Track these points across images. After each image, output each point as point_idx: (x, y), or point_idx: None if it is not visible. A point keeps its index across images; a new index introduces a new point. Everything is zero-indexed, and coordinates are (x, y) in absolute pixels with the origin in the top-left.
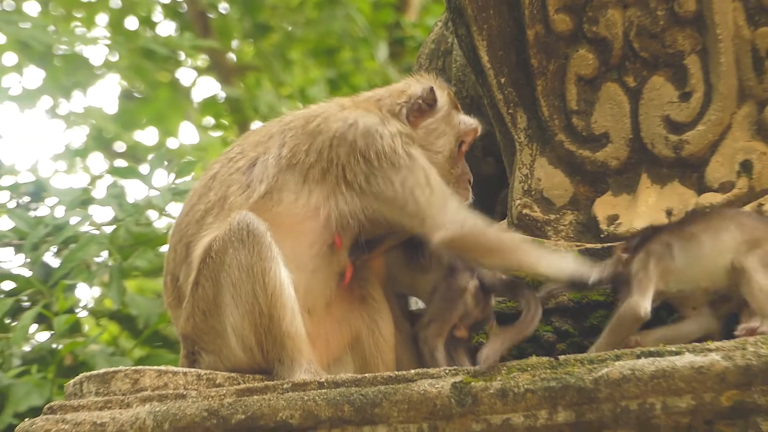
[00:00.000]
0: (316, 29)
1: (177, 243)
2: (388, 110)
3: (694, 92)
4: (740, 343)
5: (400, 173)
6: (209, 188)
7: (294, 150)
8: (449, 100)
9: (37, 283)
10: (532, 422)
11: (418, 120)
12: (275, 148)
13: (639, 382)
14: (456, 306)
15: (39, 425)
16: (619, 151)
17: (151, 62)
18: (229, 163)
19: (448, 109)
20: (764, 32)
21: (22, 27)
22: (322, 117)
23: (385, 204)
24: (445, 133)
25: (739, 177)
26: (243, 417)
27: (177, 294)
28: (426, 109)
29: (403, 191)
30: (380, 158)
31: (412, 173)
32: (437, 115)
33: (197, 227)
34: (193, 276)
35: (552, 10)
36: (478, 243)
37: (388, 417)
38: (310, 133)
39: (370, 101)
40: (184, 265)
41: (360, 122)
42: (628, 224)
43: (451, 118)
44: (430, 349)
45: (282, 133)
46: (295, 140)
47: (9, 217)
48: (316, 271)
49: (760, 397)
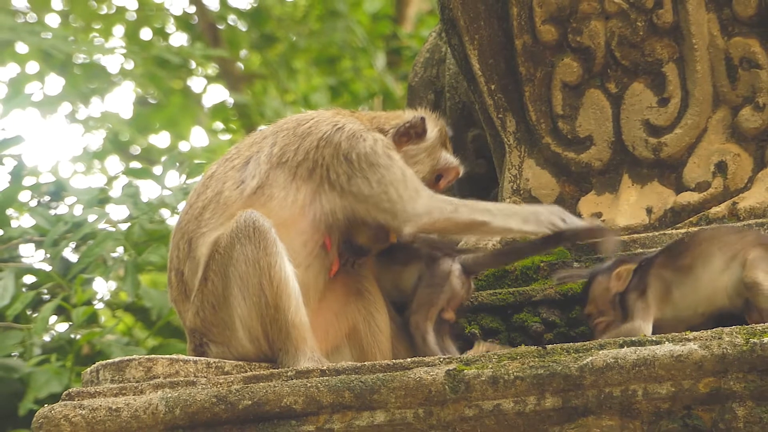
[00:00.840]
0: (319, 40)
1: (180, 240)
2: (377, 126)
3: (672, 98)
4: (717, 333)
5: (378, 172)
6: (206, 186)
7: (284, 149)
8: (439, 136)
9: (56, 277)
10: (521, 407)
11: (403, 144)
12: (267, 147)
13: (622, 369)
14: (442, 290)
15: (58, 410)
16: (602, 153)
17: (165, 70)
18: (226, 163)
19: (434, 143)
20: (737, 42)
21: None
22: (313, 120)
23: (362, 203)
24: (422, 162)
25: (715, 177)
26: (249, 403)
27: (183, 288)
28: (414, 137)
29: (379, 188)
30: (360, 159)
31: (389, 171)
32: (421, 145)
33: (197, 223)
34: (201, 271)
35: (539, 22)
36: (448, 230)
37: (386, 403)
38: (301, 134)
39: (365, 116)
40: (188, 261)
41: (347, 127)
42: (611, 221)
43: (434, 152)
44: (422, 333)
45: (275, 134)
46: (286, 140)
47: (31, 215)
48: (310, 267)
49: (736, 383)
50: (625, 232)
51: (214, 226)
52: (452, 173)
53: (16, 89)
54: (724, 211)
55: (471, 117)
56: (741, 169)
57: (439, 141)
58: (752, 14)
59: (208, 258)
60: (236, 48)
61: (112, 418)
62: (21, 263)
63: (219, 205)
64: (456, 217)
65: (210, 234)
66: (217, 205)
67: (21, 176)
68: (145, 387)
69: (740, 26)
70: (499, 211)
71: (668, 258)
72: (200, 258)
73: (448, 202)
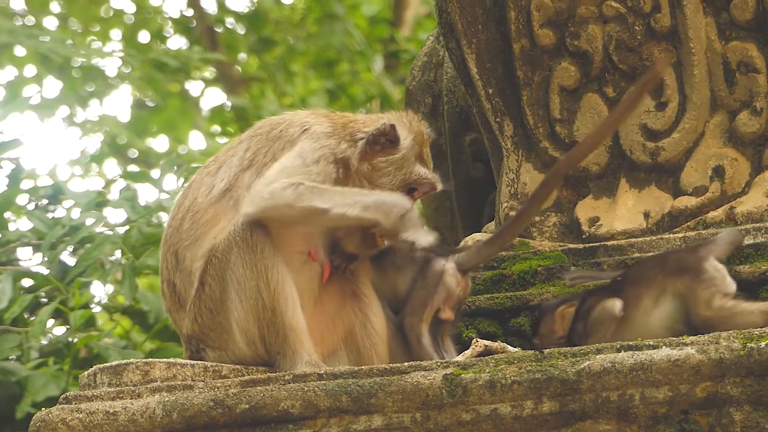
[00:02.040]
0: (316, 43)
1: (166, 252)
2: (350, 132)
3: (670, 102)
4: (714, 338)
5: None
6: (185, 197)
7: (256, 153)
8: (413, 146)
9: (54, 281)
10: (518, 412)
11: (375, 155)
12: (241, 152)
13: (619, 374)
14: (437, 291)
15: (55, 414)
16: (599, 157)
17: (162, 74)
18: (203, 170)
19: (406, 155)
20: (735, 46)
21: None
22: (285, 123)
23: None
24: (390, 175)
25: (712, 181)
26: (247, 407)
27: (177, 299)
28: (386, 145)
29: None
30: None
31: (290, 158)
32: (392, 157)
33: (178, 235)
34: (197, 280)
35: (536, 26)
36: (289, 217)
37: (383, 407)
38: (272, 137)
39: (341, 119)
40: (177, 272)
41: (312, 129)
42: (608, 226)
43: (405, 164)
44: (416, 335)
45: (250, 138)
46: (259, 144)
47: (28, 218)
48: (300, 270)
49: (733, 388)
50: (623, 237)
51: (195, 236)
52: (426, 186)
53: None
54: (722, 215)
55: (469, 121)
56: (738, 173)
57: (413, 152)
58: (750, 18)
59: (203, 265)
60: (234, 51)
61: (109, 422)
62: (19, 266)
63: (194, 214)
64: (296, 203)
65: (193, 246)
66: (193, 214)
67: (19, 179)
68: (143, 391)
69: (738, 30)
70: (342, 199)
71: (615, 290)
72: (190, 269)
73: (298, 191)
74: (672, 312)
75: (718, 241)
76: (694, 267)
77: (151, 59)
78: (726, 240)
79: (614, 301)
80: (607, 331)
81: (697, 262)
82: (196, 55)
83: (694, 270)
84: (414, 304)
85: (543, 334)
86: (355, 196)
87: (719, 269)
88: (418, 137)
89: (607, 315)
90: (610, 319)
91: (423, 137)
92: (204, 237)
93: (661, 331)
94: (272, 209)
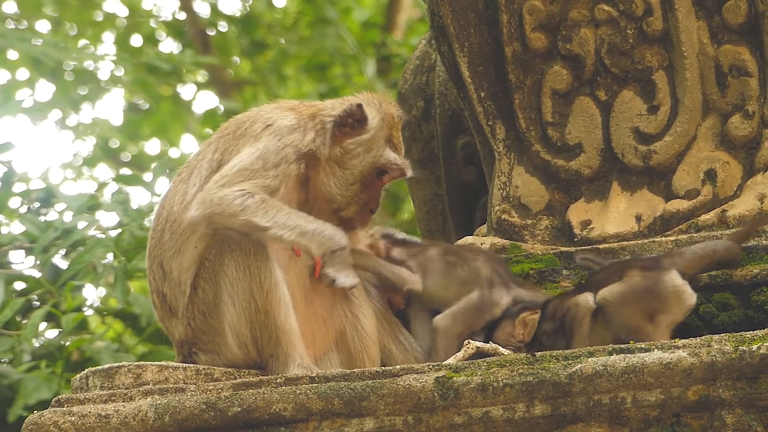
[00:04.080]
0: (309, 47)
1: (152, 264)
2: (319, 121)
3: (662, 105)
4: (706, 341)
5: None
6: (163, 207)
7: (223, 154)
8: (382, 127)
9: (46, 284)
10: (510, 415)
11: (345, 137)
12: (210, 154)
13: (611, 377)
14: (483, 316)
15: (47, 417)
16: (591, 161)
17: (155, 77)
18: (177, 179)
19: (375, 135)
20: (727, 49)
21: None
22: (250, 120)
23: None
24: (359, 156)
25: (704, 185)
26: (239, 410)
27: (167, 308)
28: (356, 127)
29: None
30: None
31: (248, 155)
32: (361, 137)
33: (161, 247)
34: (189, 285)
35: (528, 29)
36: (231, 226)
37: (376, 410)
38: (238, 136)
39: (307, 109)
40: (165, 282)
41: (276, 124)
42: (600, 229)
43: (374, 146)
44: (448, 341)
45: (218, 139)
46: (226, 144)
47: (20, 221)
48: (289, 268)
49: (725, 391)
50: (615, 240)
51: (177, 246)
52: (396, 171)
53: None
54: (714, 218)
55: (461, 124)
56: (730, 176)
57: (382, 133)
58: (742, 22)
59: (194, 273)
60: (227, 54)
61: (101, 425)
62: (11, 270)
63: (172, 224)
64: (240, 215)
65: (177, 256)
66: (171, 224)
67: (11, 183)
68: (135, 394)
69: (730, 34)
70: (284, 221)
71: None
72: (178, 279)
73: (246, 203)
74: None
75: (685, 254)
76: (652, 279)
77: (144, 63)
78: (697, 253)
79: (585, 294)
80: (585, 325)
81: (657, 274)
82: (189, 59)
83: (652, 281)
84: (458, 314)
85: (499, 338)
86: (298, 220)
87: (676, 285)
88: (388, 118)
89: (581, 309)
90: (585, 311)
91: (393, 119)
92: (185, 246)
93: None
94: (218, 216)
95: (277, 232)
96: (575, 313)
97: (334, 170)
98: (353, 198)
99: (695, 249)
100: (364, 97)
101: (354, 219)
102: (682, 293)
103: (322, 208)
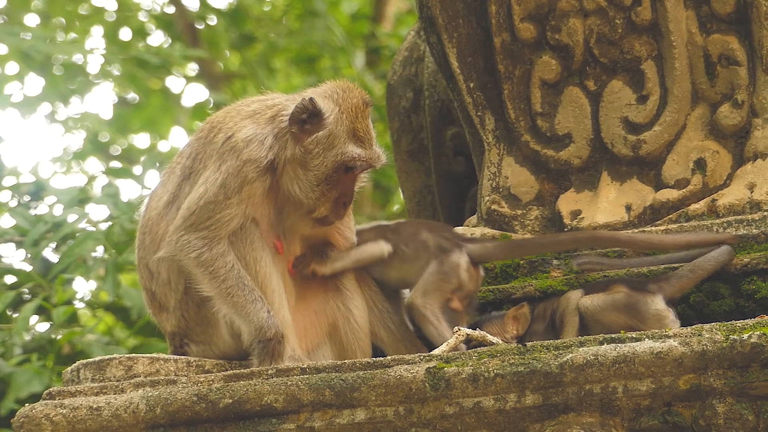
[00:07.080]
0: (298, 39)
1: (139, 264)
2: (278, 123)
3: (651, 95)
4: (697, 330)
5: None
6: (146, 207)
7: (194, 159)
8: (339, 120)
9: (37, 277)
10: (501, 405)
11: (305, 135)
12: (184, 159)
13: (602, 366)
14: (449, 279)
15: (39, 410)
16: (581, 151)
17: (144, 71)
18: (160, 180)
19: (334, 131)
20: (715, 39)
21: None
22: (217, 127)
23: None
24: (320, 156)
25: (694, 174)
26: (230, 401)
27: (158, 304)
28: (315, 123)
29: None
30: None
31: (205, 185)
32: (319, 134)
33: (144, 250)
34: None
35: (517, 19)
36: (185, 268)
37: (367, 401)
38: (208, 141)
39: (273, 110)
40: (153, 282)
41: (233, 138)
42: (590, 219)
43: (336, 143)
44: (433, 312)
45: (194, 141)
46: (198, 148)
47: (11, 215)
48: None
49: (716, 380)
50: (605, 230)
51: (156, 250)
52: (361, 166)
53: None
54: (704, 208)
55: (450, 115)
56: (720, 166)
57: (342, 127)
58: (730, 11)
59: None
60: (216, 47)
61: (92, 417)
62: (1, 263)
63: (151, 227)
64: (194, 269)
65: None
66: (150, 228)
67: (1, 176)
68: (126, 386)
69: (718, 23)
70: (231, 294)
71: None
72: (167, 279)
73: (201, 258)
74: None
75: (671, 279)
76: (635, 299)
77: (133, 56)
78: (686, 275)
79: (575, 291)
80: (575, 317)
81: (641, 296)
82: (178, 52)
83: (635, 300)
84: (428, 287)
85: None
86: (246, 297)
87: (659, 309)
88: (348, 110)
89: (572, 302)
90: (575, 304)
91: (356, 109)
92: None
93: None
94: (179, 260)
95: (219, 303)
96: (565, 307)
97: (297, 173)
98: (321, 198)
99: (683, 272)
100: (324, 88)
101: (328, 216)
102: (663, 318)
103: (293, 212)
